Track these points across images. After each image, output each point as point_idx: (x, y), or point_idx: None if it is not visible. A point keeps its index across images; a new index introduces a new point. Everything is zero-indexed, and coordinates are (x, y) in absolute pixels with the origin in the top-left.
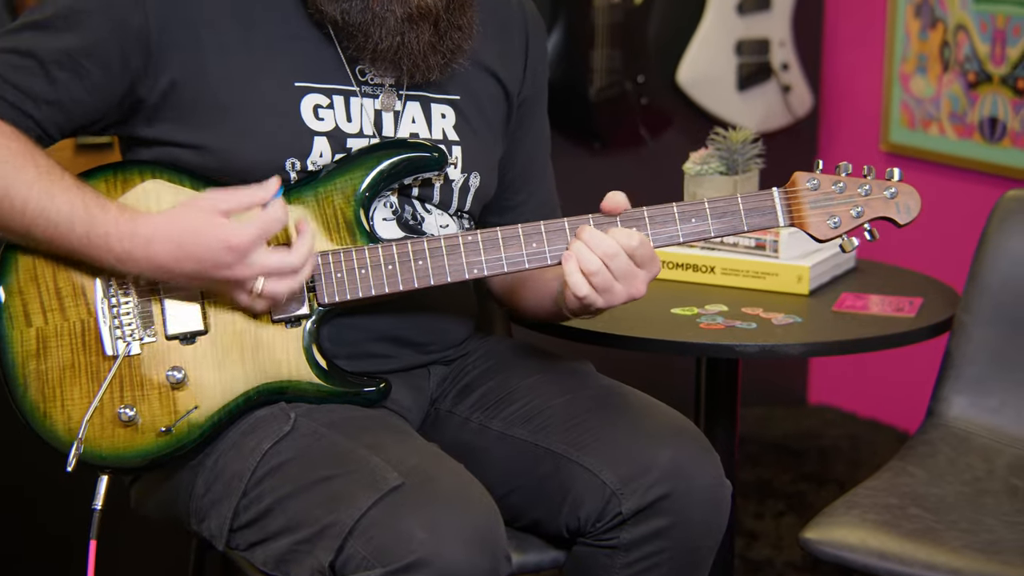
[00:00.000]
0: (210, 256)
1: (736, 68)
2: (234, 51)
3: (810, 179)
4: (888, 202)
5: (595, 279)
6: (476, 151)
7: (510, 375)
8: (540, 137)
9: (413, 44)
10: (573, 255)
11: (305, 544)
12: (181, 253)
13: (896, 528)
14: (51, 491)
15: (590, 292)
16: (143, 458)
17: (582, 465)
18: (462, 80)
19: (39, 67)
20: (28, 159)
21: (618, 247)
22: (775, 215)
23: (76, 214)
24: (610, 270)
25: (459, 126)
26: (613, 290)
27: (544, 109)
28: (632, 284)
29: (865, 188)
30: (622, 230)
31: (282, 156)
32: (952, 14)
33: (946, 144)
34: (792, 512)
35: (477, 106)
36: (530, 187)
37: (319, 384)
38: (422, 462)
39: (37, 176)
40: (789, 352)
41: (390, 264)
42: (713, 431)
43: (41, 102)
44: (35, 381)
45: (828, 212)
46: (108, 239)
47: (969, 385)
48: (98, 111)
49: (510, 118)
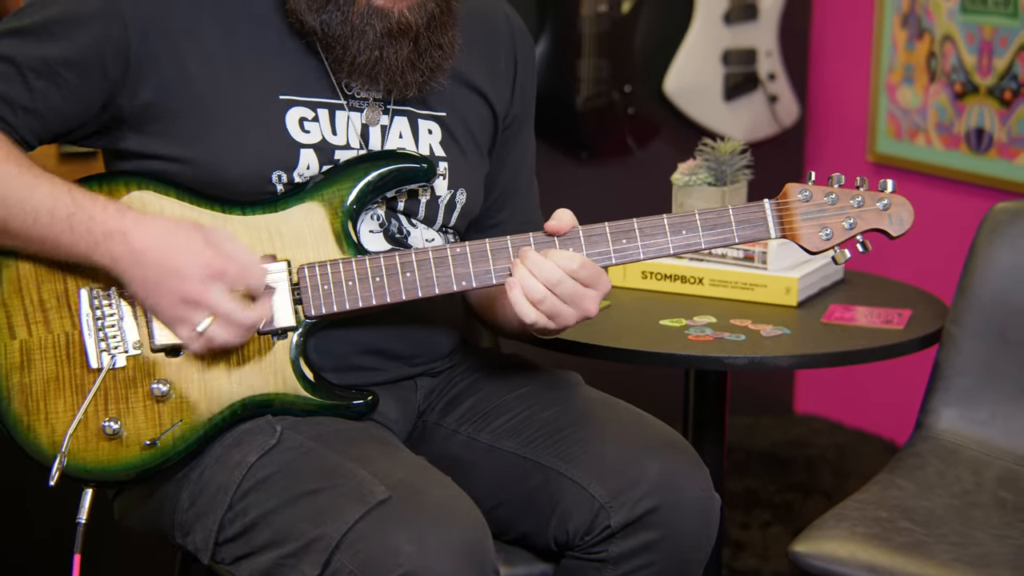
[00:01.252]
0: (186, 263)
1: (723, 78)
2: (217, 63)
3: (802, 190)
4: (881, 214)
5: (542, 306)
6: (463, 168)
7: (498, 387)
8: (524, 155)
9: (391, 59)
10: (517, 283)
11: (291, 558)
12: (163, 245)
13: (886, 541)
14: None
15: (539, 318)
16: (128, 471)
17: (570, 478)
18: (449, 97)
19: (17, 73)
20: (10, 157)
21: (561, 272)
22: (766, 227)
23: (60, 200)
24: (556, 295)
25: (445, 142)
26: (563, 314)
27: (531, 126)
28: (581, 305)
29: (858, 200)
30: (562, 253)
31: (268, 169)
32: (939, 25)
33: (933, 155)
34: (779, 522)
35: (464, 123)
36: (512, 205)
37: (306, 397)
38: (409, 475)
39: (19, 171)
40: (778, 364)
41: (377, 276)
42: (701, 443)
43: (18, 108)
44: (19, 394)
45: (820, 224)
46: (92, 220)
47: (958, 397)
48: (76, 120)
49: (495, 138)
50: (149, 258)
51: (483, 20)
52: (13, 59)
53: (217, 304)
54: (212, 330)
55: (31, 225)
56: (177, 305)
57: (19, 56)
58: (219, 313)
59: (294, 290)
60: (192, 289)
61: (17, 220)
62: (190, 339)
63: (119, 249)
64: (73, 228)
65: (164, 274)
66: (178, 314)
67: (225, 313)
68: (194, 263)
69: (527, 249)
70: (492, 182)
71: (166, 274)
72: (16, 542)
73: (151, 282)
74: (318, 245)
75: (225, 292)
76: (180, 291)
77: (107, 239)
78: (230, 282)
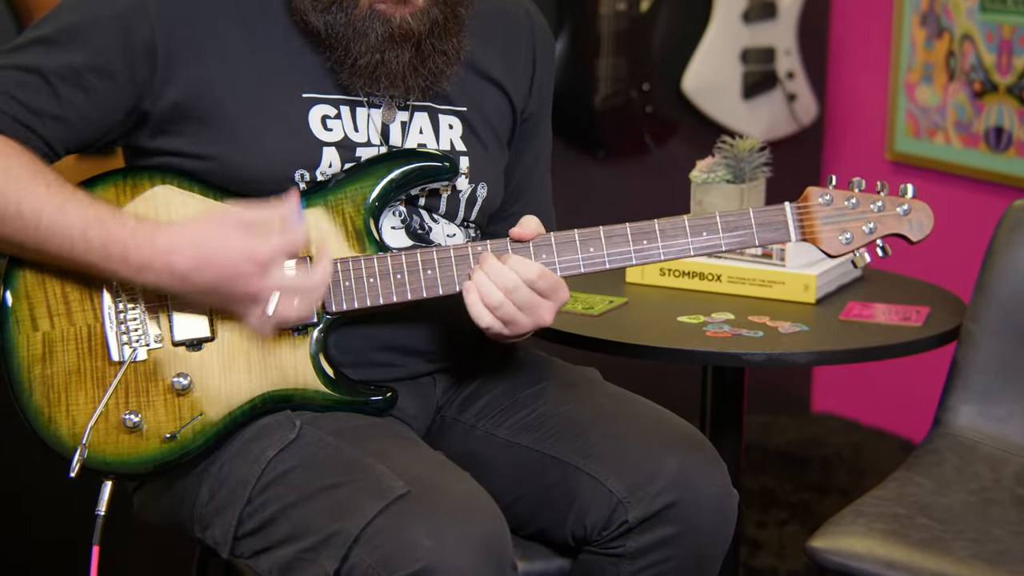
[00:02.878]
0: (231, 267)
1: (741, 77)
2: (241, 64)
3: (823, 194)
4: (901, 219)
5: (498, 312)
6: (483, 162)
7: (516, 383)
8: (541, 149)
9: (392, 63)
10: (474, 287)
11: (310, 552)
12: (202, 262)
13: (903, 537)
14: (49, 500)
15: (493, 323)
16: (147, 464)
17: (588, 473)
18: (469, 91)
19: (44, 83)
20: (37, 175)
21: (518, 280)
22: (787, 230)
23: (90, 227)
24: (512, 302)
25: (466, 137)
26: (518, 321)
27: (548, 122)
28: (536, 313)
29: (878, 204)
30: (521, 260)
31: (291, 167)
32: (958, 24)
33: (952, 153)
34: (795, 521)
35: (484, 117)
36: (526, 198)
37: (326, 393)
38: (427, 470)
39: (48, 192)
40: (796, 361)
41: (398, 273)
42: (718, 439)
43: (47, 118)
44: (40, 385)
45: (840, 228)
46: (126, 250)
47: (976, 394)
48: (104, 126)
49: (514, 131)
50: (199, 274)
51: (503, 15)
52: (39, 68)
53: (280, 284)
54: (282, 307)
55: (67, 252)
56: (241, 303)
57: (45, 65)
58: (285, 290)
59: None
60: (250, 285)
61: (53, 243)
62: (261, 325)
63: (163, 274)
64: (110, 257)
65: (217, 283)
66: (247, 310)
67: (291, 288)
68: (241, 263)
69: (486, 254)
70: (507, 175)
71: (224, 281)
72: (16, 542)
73: (212, 292)
74: (340, 242)
75: (281, 271)
76: (242, 292)
77: (147, 268)
78: (280, 262)
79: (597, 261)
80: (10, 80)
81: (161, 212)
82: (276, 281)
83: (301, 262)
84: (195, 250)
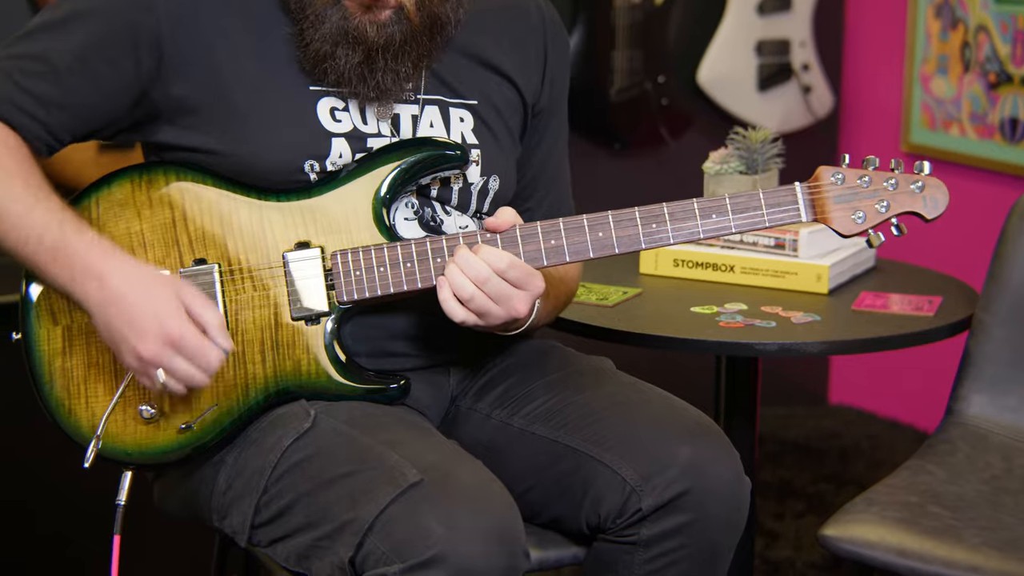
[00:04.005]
0: (147, 324)
1: (756, 69)
2: (247, 57)
3: (835, 173)
4: (915, 196)
5: (471, 304)
6: (495, 154)
7: (531, 373)
8: (555, 144)
9: (341, 61)
10: (446, 281)
11: (325, 540)
12: (130, 301)
13: (915, 526)
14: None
15: (467, 316)
16: (164, 455)
17: (602, 462)
18: (480, 85)
19: (51, 71)
20: (19, 176)
21: (489, 270)
22: (798, 210)
23: (50, 229)
24: (485, 293)
25: (478, 129)
26: (492, 312)
27: (562, 116)
28: (509, 304)
29: (892, 182)
30: (491, 250)
31: (301, 159)
32: (973, 15)
33: (967, 145)
34: (812, 512)
35: (495, 110)
36: (539, 193)
37: (339, 382)
38: (441, 459)
39: (24, 192)
40: (808, 350)
41: (409, 262)
42: (732, 430)
43: (52, 107)
44: (60, 378)
45: (853, 207)
46: (74, 257)
47: (988, 384)
48: (109, 114)
49: (526, 126)
50: (117, 308)
51: (514, 9)
52: (45, 55)
53: (169, 365)
54: (170, 386)
55: (21, 247)
56: (133, 359)
57: (51, 51)
58: (171, 371)
59: (327, 276)
60: (145, 350)
61: (10, 237)
62: (151, 387)
63: (92, 290)
64: (56, 260)
65: (126, 327)
66: (134, 367)
67: (180, 377)
68: (152, 327)
69: (460, 247)
70: (520, 170)
71: (128, 328)
72: (16, 544)
73: (114, 331)
74: (352, 231)
75: (178, 357)
76: (137, 349)
77: (84, 277)
78: (184, 354)
79: (606, 244)
80: (17, 68)
81: (176, 205)
82: (168, 364)
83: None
84: (135, 288)
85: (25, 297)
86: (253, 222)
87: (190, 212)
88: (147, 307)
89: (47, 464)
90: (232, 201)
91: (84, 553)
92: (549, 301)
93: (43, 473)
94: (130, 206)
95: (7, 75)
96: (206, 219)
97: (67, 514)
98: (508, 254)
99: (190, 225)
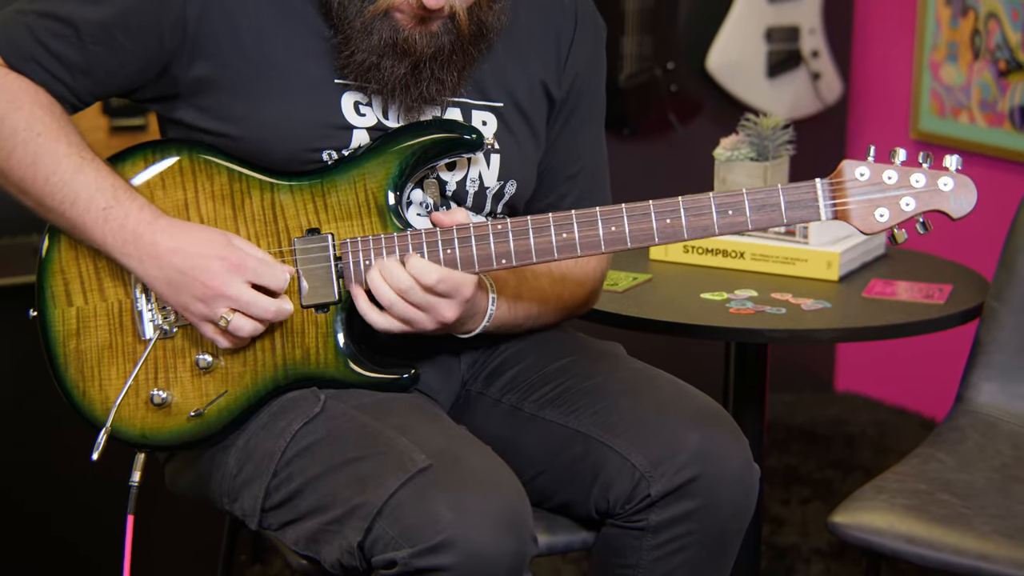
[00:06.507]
0: (204, 261)
1: (766, 55)
2: (273, 46)
3: (859, 169)
4: (943, 195)
5: (393, 310)
6: (515, 160)
7: (541, 358)
8: (585, 138)
9: (387, 72)
10: (361, 293)
11: (335, 524)
12: (183, 250)
13: (924, 513)
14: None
15: (390, 324)
16: (175, 440)
17: (612, 447)
18: (508, 83)
19: (76, 36)
20: (61, 134)
21: (411, 281)
22: (817, 209)
23: (103, 189)
24: (408, 302)
25: (500, 134)
26: (418, 320)
27: (588, 112)
28: (436, 311)
29: (918, 179)
30: (421, 264)
31: (320, 150)
32: (983, 2)
33: (976, 132)
34: (818, 499)
35: (520, 113)
36: (558, 192)
37: (348, 370)
38: (450, 444)
39: (68, 151)
40: (818, 337)
41: (418, 251)
42: (741, 416)
43: (76, 71)
44: (74, 360)
45: (876, 204)
46: (126, 219)
47: (999, 372)
48: (131, 82)
49: (549, 121)
50: (172, 260)
51: (550, 4)
52: (72, 21)
53: (238, 295)
54: (236, 322)
55: (68, 207)
56: (199, 302)
57: (78, 18)
58: (240, 303)
59: (336, 264)
60: (213, 283)
61: (55, 198)
62: (215, 335)
63: (146, 253)
64: (107, 221)
65: (186, 273)
66: (201, 311)
67: (245, 303)
68: (214, 257)
69: (384, 259)
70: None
71: (188, 272)
72: (18, 543)
73: (174, 283)
74: (363, 218)
75: (246, 284)
76: (202, 287)
77: (136, 241)
78: (250, 276)
79: (618, 238)
80: (45, 29)
81: (188, 184)
82: (235, 291)
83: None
84: (185, 239)
85: (39, 278)
86: (265, 206)
87: (203, 194)
88: (206, 250)
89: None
90: (245, 182)
91: (85, 541)
92: (532, 303)
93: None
94: (143, 186)
95: (31, 32)
96: (218, 203)
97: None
98: (439, 270)
99: (202, 208)
